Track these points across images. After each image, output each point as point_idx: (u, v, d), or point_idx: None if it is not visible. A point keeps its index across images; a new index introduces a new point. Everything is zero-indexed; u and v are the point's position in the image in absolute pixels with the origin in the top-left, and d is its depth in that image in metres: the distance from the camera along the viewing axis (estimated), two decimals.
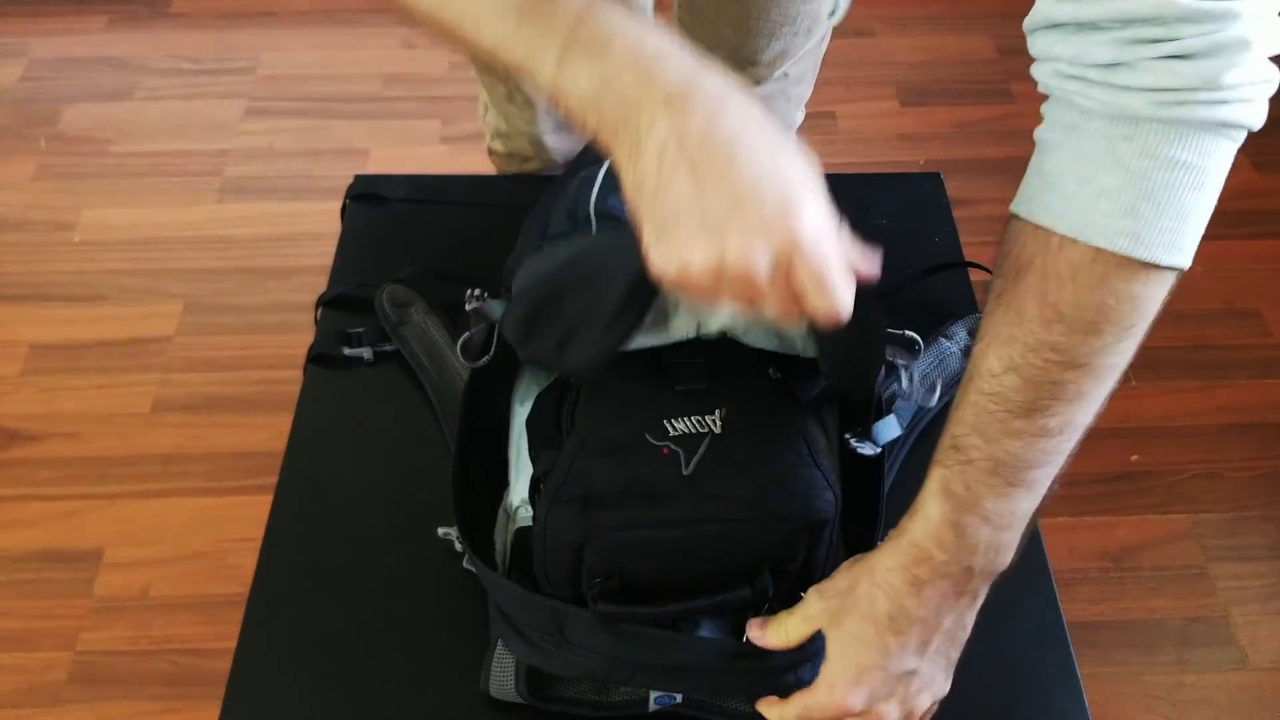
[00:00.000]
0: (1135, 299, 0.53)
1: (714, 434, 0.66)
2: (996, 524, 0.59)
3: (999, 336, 0.56)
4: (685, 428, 0.66)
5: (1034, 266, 0.54)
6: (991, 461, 0.57)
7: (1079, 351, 0.54)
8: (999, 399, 0.56)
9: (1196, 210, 0.53)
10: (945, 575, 0.60)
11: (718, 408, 0.67)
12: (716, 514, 0.65)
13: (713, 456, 0.66)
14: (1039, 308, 0.54)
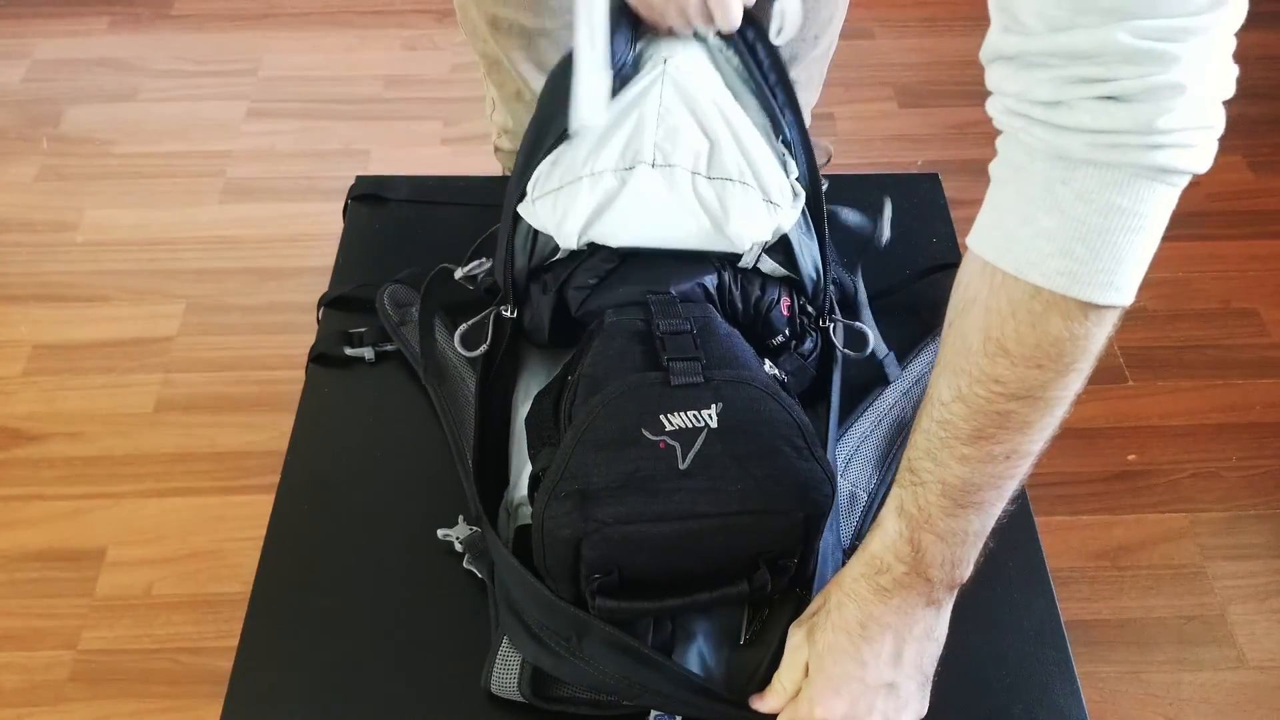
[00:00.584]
0: (1074, 336, 0.54)
1: (710, 428, 0.67)
2: (950, 541, 0.61)
3: (949, 366, 0.58)
4: (682, 422, 0.67)
5: (979, 301, 0.56)
6: (940, 484, 0.60)
7: (1022, 384, 0.55)
8: (947, 426, 0.58)
9: (1134, 251, 0.53)
10: (907, 586, 0.62)
11: (714, 402, 0.67)
12: (713, 508, 0.66)
13: (709, 451, 0.66)
14: (983, 341, 0.55)
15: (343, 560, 0.80)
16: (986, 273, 0.55)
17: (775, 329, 0.80)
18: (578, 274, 0.79)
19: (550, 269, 0.81)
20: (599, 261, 0.79)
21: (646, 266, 0.78)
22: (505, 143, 1.18)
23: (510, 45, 1.01)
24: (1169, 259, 1.83)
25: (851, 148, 2.04)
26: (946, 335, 0.59)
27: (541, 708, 0.71)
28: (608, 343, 0.73)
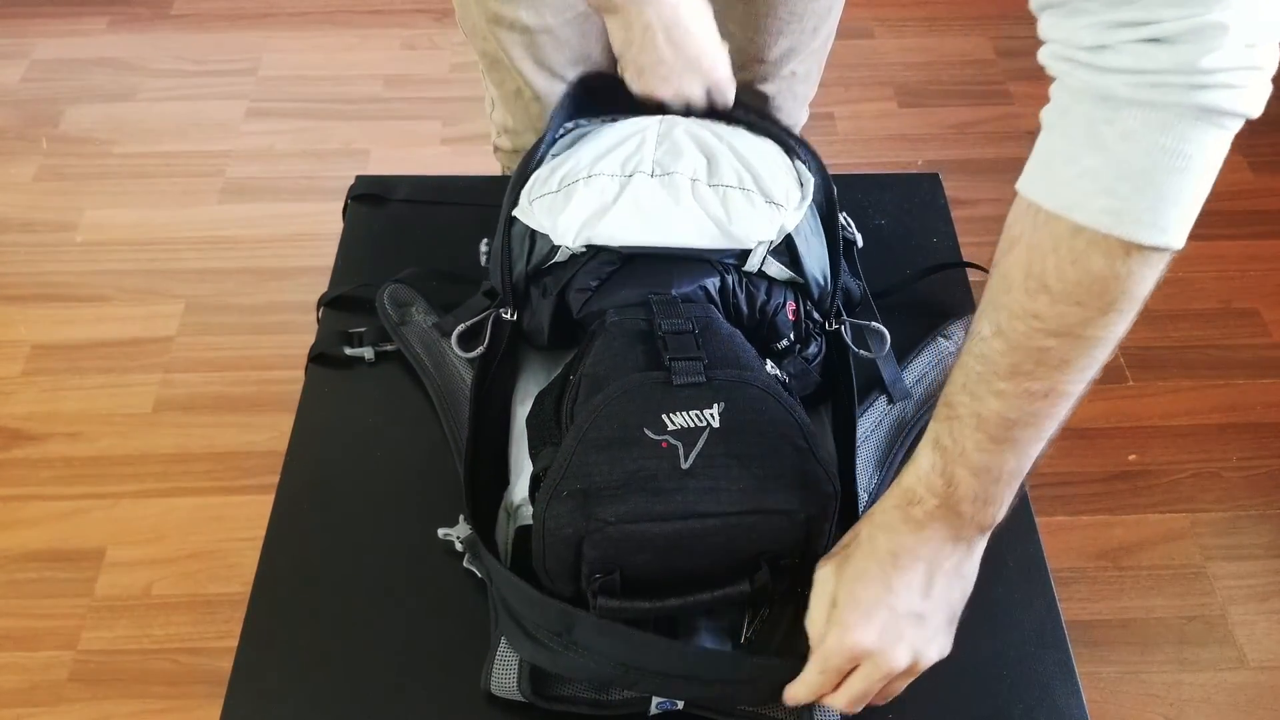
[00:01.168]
0: (1116, 275, 0.54)
1: (712, 428, 0.67)
2: (983, 478, 0.62)
3: (991, 303, 0.59)
4: (684, 422, 0.67)
5: (1022, 239, 0.57)
6: (976, 419, 0.60)
7: (1062, 321, 0.56)
8: (985, 360, 0.60)
9: (1180, 192, 0.53)
10: (939, 519, 0.63)
11: (715, 402, 0.67)
12: (715, 508, 0.66)
13: (711, 450, 0.66)
14: (1024, 277, 0.57)
15: (343, 560, 0.80)
16: (1030, 212, 0.56)
17: (780, 333, 0.80)
18: (579, 276, 0.79)
19: (550, 272, 0.80)
20: (600, 264, 0.79)
21: (648, 269, 0.78)
22: (505, 142, 1.17)
23: (511, 43, 1.01)
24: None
25: (851, 148, 2.04)
26: (990, 276, 0.60)
27: (542, 707, 0.71)
28: (609, 342, 0.73)
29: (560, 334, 0.81)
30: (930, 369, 0.89)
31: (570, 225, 0.77)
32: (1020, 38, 2.18)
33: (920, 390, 0.88)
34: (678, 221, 0.77)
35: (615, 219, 0.77)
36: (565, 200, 0.78)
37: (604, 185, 0.78)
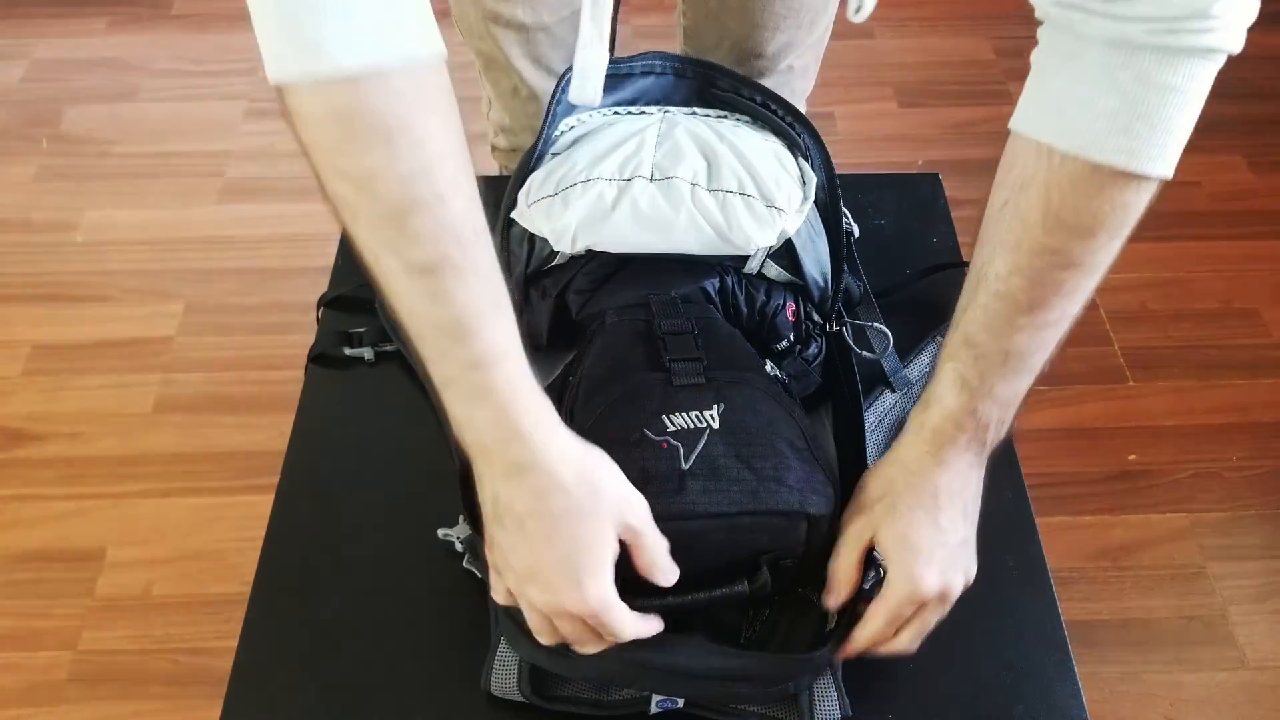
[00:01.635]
0: (1127, 205, 0.59)
1: (712, 429, 0.67)
2: (1004, 404, 0.66)
3: (1004, 243, 0.62)
4: (684, 423, 0.67)
5: (1038, 180, 0.60)
6: (1002, 354, 0.64)
7: (1075, 253, 0.60)
8: (1006, 299, 0.63)
9: (1181, 128, 0.59)
10: (966, 450, 0.67)
11: (716, 403, 0.67)
12: (716, 508, 0.66)
13: (712, 451, 0.66)
14: (1043, 216, 0.60)
15: (343, 560, 0.80)
16: (1042, 155, 0.59)
17: (780, 334, 0.80)
18: (578, 278, 0.79)
19: (549, 274, 0.80)
20: (598, 265, 0.78)
21: (647, 270, 0.78)
22: (502, 141, 1.18)
23: (508, 41, 1.01)
24: (1169, 259, 1.84)
25: (851, 148, 2.04)
26: (998, 217, 0.63)
27: (542, 707, 0.71)
28: (609, 343, 0.72)
29: (559, 335, 0.81)
30: (931, 365, 0.89)
31: (568, 230, 0.77)
32: (1020, 38, 2.18)
33: (920, 388, 0.88)
34: (677, 228, 0.77)
35: (613, 224, 0.77)
36: (563, 205, 0.77)
37: (602, 189, 0.78)
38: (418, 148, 0.55)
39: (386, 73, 0.53)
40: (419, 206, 0.56)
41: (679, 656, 0.67)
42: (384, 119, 0.54)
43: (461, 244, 0.57)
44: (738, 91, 0.92)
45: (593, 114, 0.90)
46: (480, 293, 0.58)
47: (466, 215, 0.57)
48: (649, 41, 2.14)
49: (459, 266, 0.57)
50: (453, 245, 0.57)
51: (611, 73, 0.91)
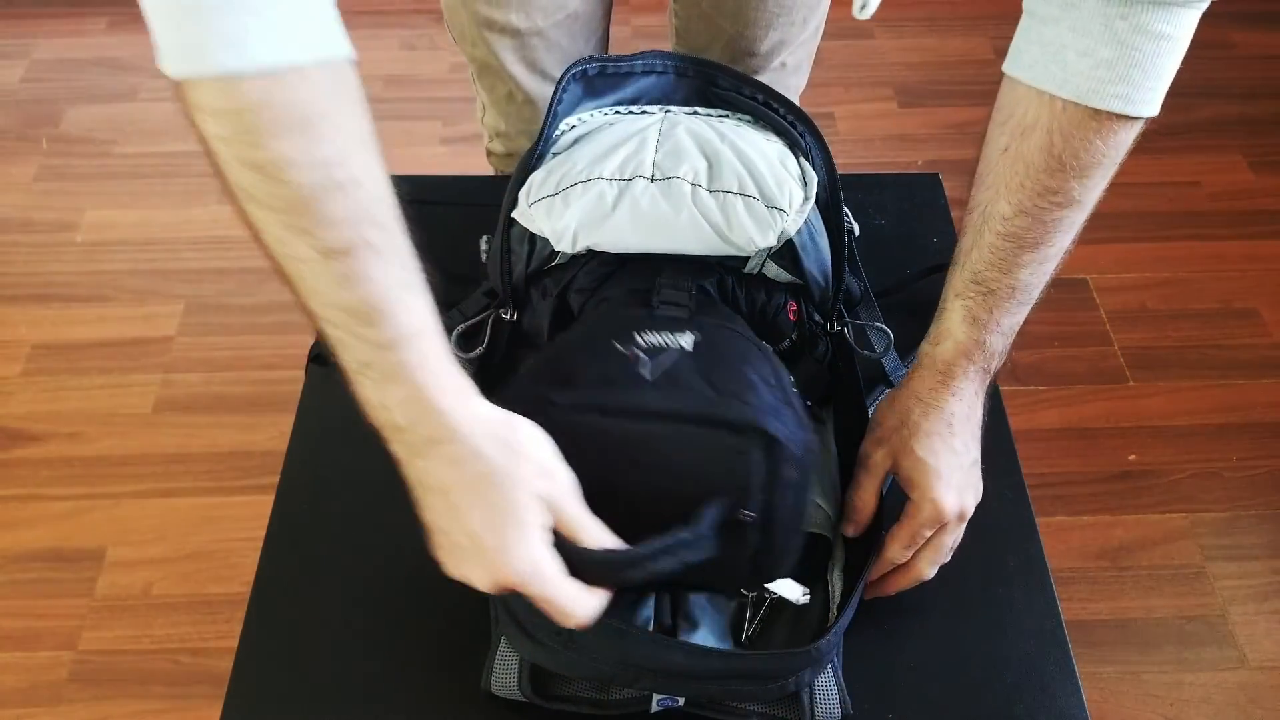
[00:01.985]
0: (1120, 144, 0.64)
1: (684, 349, 0.67)
2: (1007, 334, 0.72)
3: (1009, 186, 0.67)
4: (656, 341, 0.67)
5: (1040, 125, 0.64)
6: (1009, 289, 0.70)
7: (1075, 192, 0.65)
8: (1012, 238, 0.68)
9: (1170, 71, 0.63)
10: (973, 380, 0.73)
11: (693, 331, 0.68)
12: (669, 407, 0.63)
13: (678, 369, 0.65)
14: (1045, 160, 0.64)
15: (343, 561, 0.80)
16: (1044, 101, 0.63)
17: (782, 333, 0.80)
18: (579, 277, 0.79)
19: (550, 273, 0.80)
20: (599, 264, 0.79)
21: (647, 269, 0.78)
22: (498, 146, 1.17)
23: (502, 46, 1.01)
24: (1169, 259, 1.84)
25: (851, 148, 2.04)
26: (998, 161, 0.67)
27: (542, 706, 0.71)
28: (604, 300, 0.74)
29: (560, 333, 0.81)
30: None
31: (568, 230, 0.77)
32: None
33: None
34: (677, 228, 0.77)
35: (614, 224, 0.77)
36: (564, 204, 0.77)
37: (603, 189, 0.77)
38: (334, 134, 0.55)
39: (304, 67, 0.53)
40: (335, 190, 0.55)
41: (678, 655, 0.67)
42: (301, 109, 0.53)
43: (378, 225, 0.57)
44: (739, 90, 0.92)
45: (594, 114, 0.90)
46: (396, 274, 0.57)
47: (382, 199, 0.57)
48: (649, 41, 2.14)
49: (376, 248, 0.56)
50: (368, 227, 0.56)
51: (612, 71, 0.91)
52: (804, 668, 0.67)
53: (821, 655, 0.67)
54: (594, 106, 0.92)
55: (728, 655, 0.67)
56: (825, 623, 0.71)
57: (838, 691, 0.70)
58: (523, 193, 0.80)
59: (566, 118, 0.88)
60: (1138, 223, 1.88)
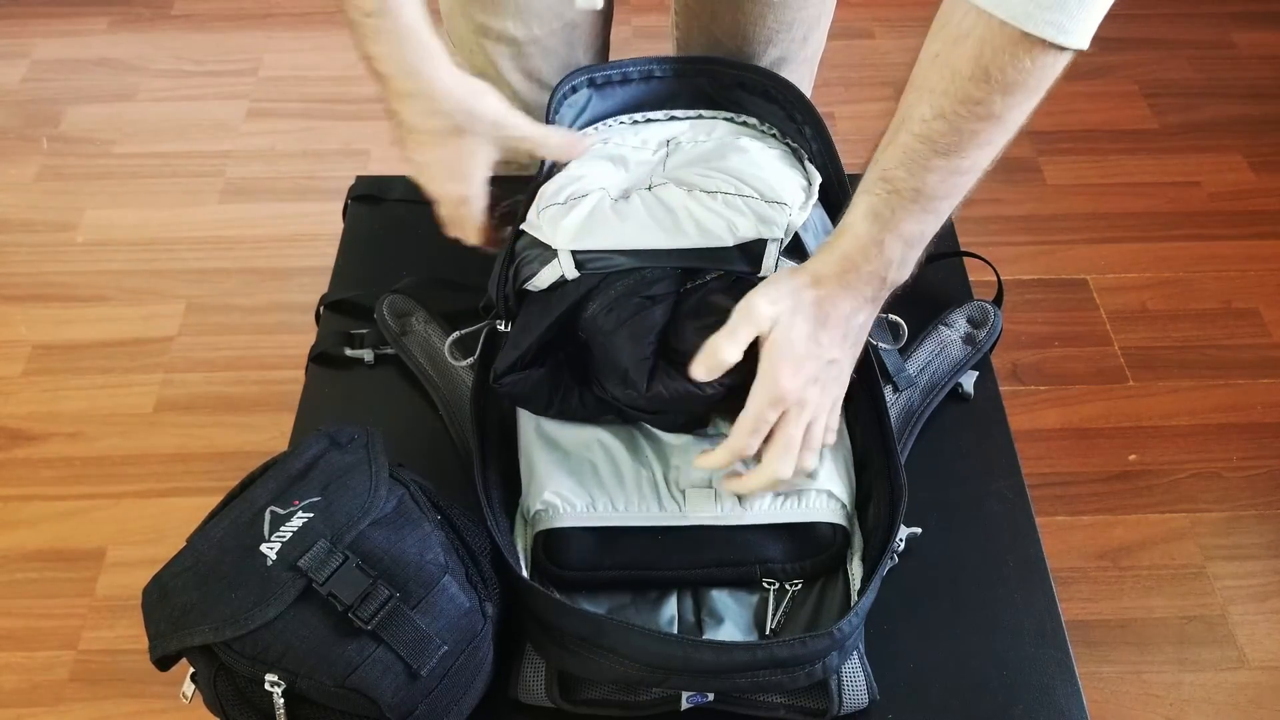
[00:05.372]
0: (1046, 70, 0.65)
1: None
2: (908, 242, 0.72)
3: (933, 90, 0.67)
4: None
5: (972, 37, 0.64)
6: (914, 191, 0.69)
7: (997, 106, 0.66)
8: (925, 140, 0.68)
9: (1103, 6, 0.63)
10: (867, 282, 0.73)
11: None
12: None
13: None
14: (973, 69, 0.65)
15: None
16: (980, 17, 0.64)
17: None
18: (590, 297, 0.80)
19: (554, 289, 0.81)
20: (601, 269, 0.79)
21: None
22: None
23: (499, 55, 1.01)
24: (1169, 259, 1.84)
25: (852, 148, 2.03)
26: (929, 66, 0.67)
27: (570, 711, 0.71)
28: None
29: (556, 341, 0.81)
30: (933, 357, 0.90)
31: (568, 232, 0.77)
32: None
33: (925, 378, 0.88)
34: (681, 228, 0.77)
35: (617, 227, 0.77)
36: (566, 211, 0.78)
37: (603, 196, 0.79)
38: None
39: None
40: None
41: (706, 654, 0.67)
42: None
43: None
44: (740, 83, 0.92)
45: (598, 127, 0.91)
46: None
47: None
48: (649, 41, 2.14)
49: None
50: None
51: (604, 80, 0.92)
52: (829, 651, 0.67)
53: (844, 637, 0.67)
54: (602, 109, 0.92)
55: (753, 647, 0.67)
56: (847, 609, 0.72)
57: (864, 677, 0.70)
58: (534, 203, 0.81)
59: (582, 127, 0.90)
60: (1138, 223, 1.88)
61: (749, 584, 0.76)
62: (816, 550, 0.75)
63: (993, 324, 0.91)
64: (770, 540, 0.75)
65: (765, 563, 0.75)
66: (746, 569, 0.75)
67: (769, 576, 0.75)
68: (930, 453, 0.84)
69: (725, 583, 0.76)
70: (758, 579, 0.75)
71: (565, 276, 0.78)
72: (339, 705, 0.64)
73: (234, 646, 0.63)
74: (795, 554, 0.75)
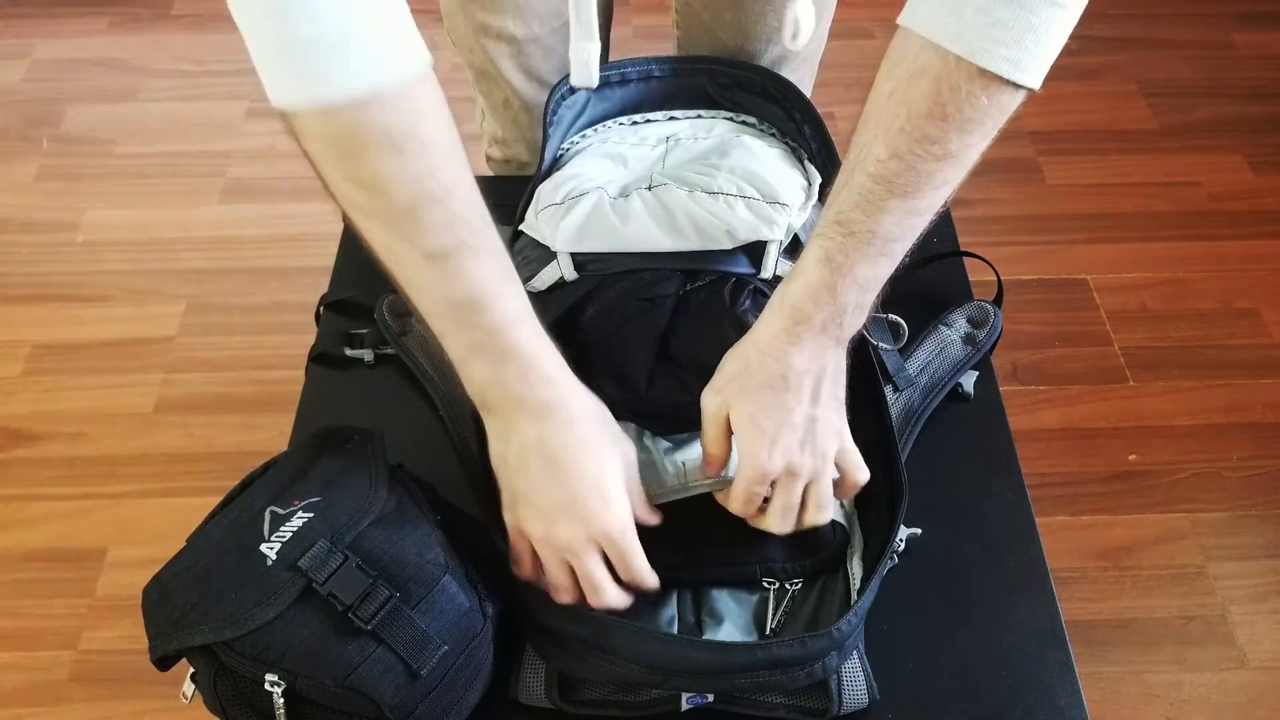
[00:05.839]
0: (1001, 108, 0.64)
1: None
2: (863, 287, 0.69)
3: (889, 129, 0.65)
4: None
5: (929, 74, 0.63)
6: (869, 234, 0.67)
7: (952, 145, 0.65)
8: (881, 180, 0.66)
9: (1056, 45, 0.62)
10: (821, 330, 0.69)
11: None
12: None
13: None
14: (930, 107, 0.63)
15: None
16: (936, 53, 0.63)
17: None
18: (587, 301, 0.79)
19: (553, 290, 0.81)
20: (601, 271, 0.79)
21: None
22: (496, 152, 1.17)
23: (499, 53, 1.01)
24: (1169, 259, 1.84)
25: None
26: (884, 104, 0.65)
27: (570, 712, 0.71)
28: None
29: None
30: (933, 357, 0.90)
31: (567, 234, 0.77)
32: None
33: (925, 378, 0.88)
34: (681, 228, 0.77)
35: (617, 229, 0.77)
36: (566, 212, 0.78)
37: (602, 197, 0.79)
38: (424, 150, 0.61)
39: (388, 90, 0.60)
40: (430, 201, 0.62)
41: (704, 654, 0.67)
42: (391, 130, 0.60)
43: (472, 229, 0.64)
44: (739, 83, 0.93)
45: (597, 129, 0.91)
46: (494, 268, 0.65)
47: (473, 203, 0.64)
48: (649, 41, 2.14)
49: (473, 249, 0.64)
50: (464, 231, 0.63)
51: (602, 81, 0.92)
52: (828, 651, 0.67)
53: (843, 637, 0.67)
54: (600, 111, 0.93)
55: (753, 647, 0.67)
56: (847, 608, 0.72)
57: (864, 677, 0.70)
58: (532, 203, 0.81)
59: (572, 135, 0.90)
60: (1138, 223, 1.88)
61: (749, 583, 0.76)
62: (817, 549, 0.75)
63: (993, 324, 0.91)
64: (770, 539, 0.75)
65: (765, 562, 0.75)
66: (747, 568, 0.75)
67: (769, 576, 0.75)
68: (930, 453, 0.84)
69: (725, 582, 0.76)
70: (758, 578, 0.75)
71: (564, 278, 0.78)
72: (339, 705, 0.64)
73: (234, 646, 0.63)
74: (796, 553, 0.75)
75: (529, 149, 1.13)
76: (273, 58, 0.59)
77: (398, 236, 0.63)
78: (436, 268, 0.63)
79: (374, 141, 0.60)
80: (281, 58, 0.59)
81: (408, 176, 0.61)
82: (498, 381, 0.67)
